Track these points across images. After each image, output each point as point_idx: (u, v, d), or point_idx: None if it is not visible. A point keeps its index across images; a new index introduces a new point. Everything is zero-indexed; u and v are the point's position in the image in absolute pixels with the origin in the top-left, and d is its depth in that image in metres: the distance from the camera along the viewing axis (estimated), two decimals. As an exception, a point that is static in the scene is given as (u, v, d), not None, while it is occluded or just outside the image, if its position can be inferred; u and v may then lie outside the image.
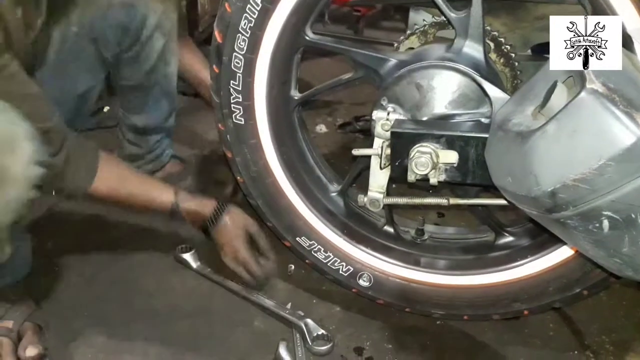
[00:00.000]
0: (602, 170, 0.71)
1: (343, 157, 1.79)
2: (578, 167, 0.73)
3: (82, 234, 1.56)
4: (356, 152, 1.16)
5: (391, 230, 1.30)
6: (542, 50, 1.22)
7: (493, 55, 1.12)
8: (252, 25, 1.08)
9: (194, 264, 1.43)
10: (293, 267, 1.43)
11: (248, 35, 1.09)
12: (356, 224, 1.30)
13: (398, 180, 1.13)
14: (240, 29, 1.09)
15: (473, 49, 1.06)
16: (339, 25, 2.76)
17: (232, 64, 1.13)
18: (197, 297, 1.36)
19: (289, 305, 1.31)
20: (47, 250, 1.49)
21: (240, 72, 1.13)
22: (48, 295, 1.35)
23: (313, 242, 1.30)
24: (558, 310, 1.28)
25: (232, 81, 1.15)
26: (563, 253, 1.13)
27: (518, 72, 1.12)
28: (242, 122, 1.19)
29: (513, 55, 1.12)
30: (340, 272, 1.30)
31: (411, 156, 1.04)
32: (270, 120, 1.20)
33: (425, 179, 1.05)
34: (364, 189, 1.18)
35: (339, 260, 1.29)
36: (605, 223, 0.76)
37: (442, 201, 1.15)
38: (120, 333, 1.26)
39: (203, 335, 1.26)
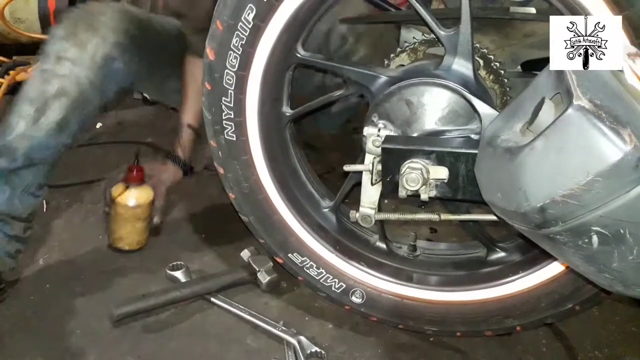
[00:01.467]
0: (590, 186, 0.72)
1: (335, 173, 1.79)
2: (566, 182, 0.73)
3: (72, 251, 1.55)
4: (347, 168, 1.16)
5: (384, 246, 1.30)
6: (531, 67, 1.23)
7: (482, 72, 1.13)
8: (243, 42, 1.09)
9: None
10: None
11: (240, 53, 1.10)
12: (349, 240, 1.30)
13: (389, 196, 1.13)
14: (232, 46, 1.10)
15: (462, 66, 1.06)
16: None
17: (224, 80, 1.13)
18: (189, 314, 1.35)
19: (281, 323, 1.30)
20: (38, 266, 1.49)
21: (232, 89, 1.14)
22: (36, 312, 1.34)
23: (305, 258, 1.29)
24: (551, 325, 1.28)
25: (224, 98, 1.15)
26: (555, 268, 1.13)
27: (507, 89, 1.14)
28: (234, 139, 1.20)
29: (502, 72, 1.13)
30: (333, 288, 1.30)
31: (402, 172, 1.04)
32: (262, 137, 1.21)
33: (416, 194, 1.06)
34: (356, 204, 1.18)
35: (331, 277, 1.29)
36: (595, 238, 0.76)
37: (434, 217, 1.15)
38: (112, 351, 1.25)
39: (196, 353, 1.24)
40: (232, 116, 1.17)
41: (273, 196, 1.26)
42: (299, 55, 1.15)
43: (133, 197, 1.46)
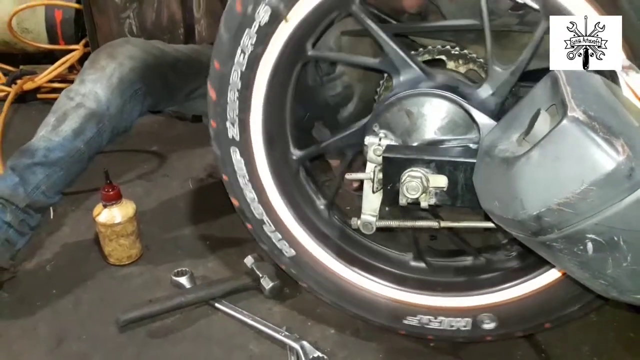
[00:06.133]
0: (585, 194, 0.74)
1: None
2: (562, 191, 0.75)
3: (78, 257, 1.57)
4: (349, 176, 1.18)
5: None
6: (527, 78, 1.25)
7: (481, 82, 1.15)
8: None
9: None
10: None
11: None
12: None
13: (390, 204, 1.15)
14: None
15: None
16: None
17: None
18: (194, 320, 1.37)
19: (284, 328, 1.31)
20: (44, 272, 1.51)
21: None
22: (43, 318, 1.36)
23: (309, 265, 1.31)
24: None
25: None
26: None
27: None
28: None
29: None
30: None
31: (402, 180, 1.06)
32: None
33: (416, 202, 1.08)
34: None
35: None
36: (590, 245, 0.77)
37: (433, 224, 1.16)
38: (117, 356, 1.27)
39: (200, 358, 1.26)
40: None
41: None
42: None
43: (111, 216, 1.50)
